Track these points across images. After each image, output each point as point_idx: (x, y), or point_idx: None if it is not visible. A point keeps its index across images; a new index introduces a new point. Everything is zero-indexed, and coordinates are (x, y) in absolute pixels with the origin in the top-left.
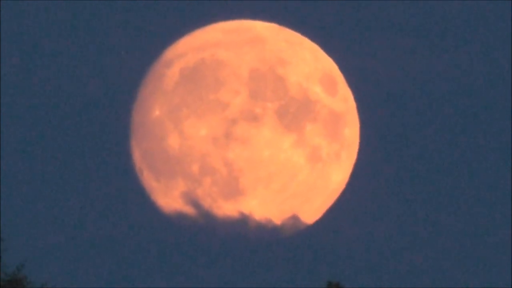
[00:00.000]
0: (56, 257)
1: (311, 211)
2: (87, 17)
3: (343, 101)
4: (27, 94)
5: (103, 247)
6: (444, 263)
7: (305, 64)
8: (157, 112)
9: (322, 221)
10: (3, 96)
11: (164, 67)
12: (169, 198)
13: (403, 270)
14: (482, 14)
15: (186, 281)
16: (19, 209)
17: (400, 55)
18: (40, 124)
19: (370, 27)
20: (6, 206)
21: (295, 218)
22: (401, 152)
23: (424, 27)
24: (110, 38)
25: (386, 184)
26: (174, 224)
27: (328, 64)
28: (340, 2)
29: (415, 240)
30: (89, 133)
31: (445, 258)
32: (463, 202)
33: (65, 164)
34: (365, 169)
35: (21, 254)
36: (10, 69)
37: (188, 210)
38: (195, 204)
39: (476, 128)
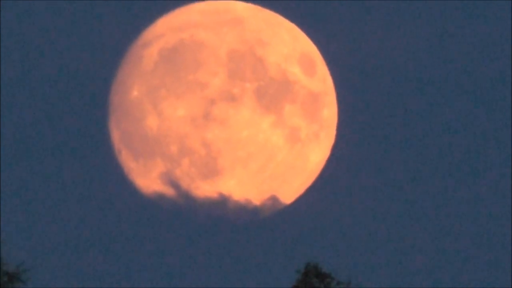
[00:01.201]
0: (31, 240)
1: (290, 192)
2: None
3: (321, 82)
4: (4, 75)
5: (82, 228)
6: (428, 245)
7: (284, 45)
8: (135, 93)
9: (301, 201)
10: None
11: (142, 47)
12: (148, 179)
13: (382, 250)
14: None
15: (166, 261)
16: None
17: (380, 35)
18: (17, 105)
19: (350, 7)
20: None
21: (274, 199)
22: (379, 132)
23: (406, 3)
24: (88, 18)
25: (364, 165)
26: (153, 205)
27: (307, 45)
28: None
29: (395, 219)
30: (68, 113)
31: (428, 239)
32: (441, 180)
33: (43, 145)
34: (344, 149)
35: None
36: None
37: (167, 190)
38: (174, 184)
39: (455, 106)
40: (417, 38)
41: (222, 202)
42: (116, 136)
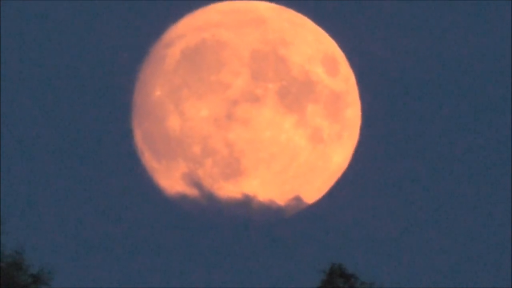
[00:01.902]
0: (55, 240)
1: (313, 192)
2: None
3: (344, 82)
4: (28, 76)
5: (105, 229)
6: (447, 245)
7: (307, 45)
8: (158, 93)
9: (323, 202)
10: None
11: (165, 47)
12: (171, 180)
13: (405, 250)
14: None
15: (191, 262)
16: (19, 191)
17: (403, 35)
18: (41, 106)
19: (373, 7)
20: (7, 188)
21: (298, 199)
22: (402, 132)
23: (430, 5)
24: (111, 19)
25: (387, 165)
26: (177, 205)
27: (329, 45)
28: None
29: (418, 220)
30: (91, 114)
31: (448, 240)
32: (465, 183)
33: (66, 145)
34: (367, 150)
35: (20, 237)
36: (8, 50)
37: (190, 191)
38: (197, 185)
39: (477, 108)
40: (441, 39)
41: (246, 203)
42: (138, 136)
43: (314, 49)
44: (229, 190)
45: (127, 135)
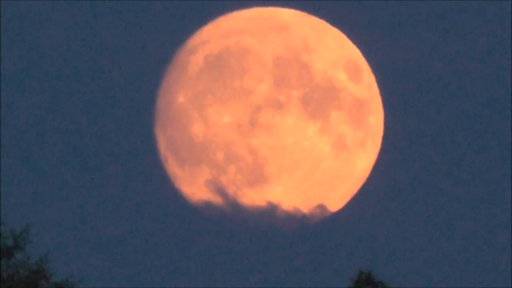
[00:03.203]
0: (78, 248)
1: (337, 199)
2: (113, 1)
3: (367, 88)
4: (52, 78)
5: (128, 237)
6: (468, 250)
7: (330, 51)
8: (181, 99)
9: (348, 209)
10: (21, 80)
11: (188, 54)
12: (194, 186)
13: (432, 257)
14: None
15: (215, 271)
16: (44, 201)
17: (427, 40)
18: (64, 110)
19: (396, 13)
20: (32, 196)
21: (322, 207)
22: (426, 139)
23: (453, 10)
24: (135, 25)
25: (411, 171)
26: (200, 213)
27: (352, 52)
28: None
29: (444, 226)
30: (114, 120)
31: (475, 247)
32: (493, 191)
33: (89, 151)
34: (390, 156)
35: (45, 246)
36: (31, 54)
37: (214, 198)
38: (221, 192)
39: (508, 118)
40: (465, 45)
41: (270, 211)
42: (162, 143)
43: (337, 55)
44: (252, 197)
45: (150, 141)
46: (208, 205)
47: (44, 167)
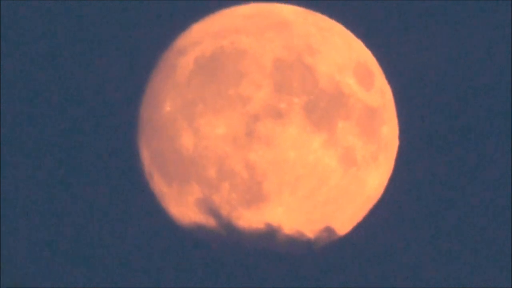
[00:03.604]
0: (55, 268)
1: (344, 220)
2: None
3: (380, 95)
4: (26, 89)
5: (109, 262)
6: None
7: (337, 52)
8: (168, 108)
9: (357, 231)
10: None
11: (177, 56)
12: (183, 206)
13: (448, 283)
14: None
15: None
16: (19, 212)
17: (445, 42)
18: (38, 121)
19: (411, 11)
20: (7, 208)
21: (329, 230)
22: (444, 152)
23: (471, 10)
24: (116, 23)
25: (429, 190)
26: (190, 236)
27: (362, 53)
28: None
29: (459, 253)
30: (92, 131)
31: (495, 272)
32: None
33: (65, 168)
34: (406, 173)
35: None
36: (7, 64)
37: (205, 220)
38: (213, 213)
39: None
40: (485, 48)
41: (270, 234)
42: (146, 157)
43: (345, 57)
44: (249, 219)
45: (133, 156)
46: (199, 228)
47: (17, 181)
